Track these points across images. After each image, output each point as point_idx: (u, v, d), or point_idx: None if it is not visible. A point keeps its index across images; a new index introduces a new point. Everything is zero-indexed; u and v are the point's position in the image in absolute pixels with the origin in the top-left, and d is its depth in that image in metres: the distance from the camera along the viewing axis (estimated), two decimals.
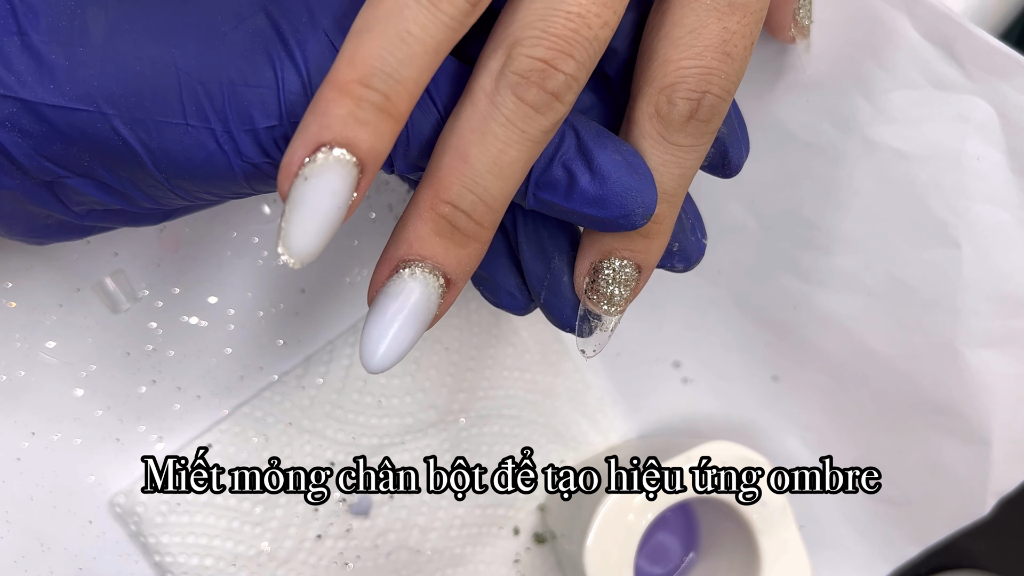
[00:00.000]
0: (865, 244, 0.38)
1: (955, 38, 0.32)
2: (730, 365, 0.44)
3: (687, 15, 0.26)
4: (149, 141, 0.24)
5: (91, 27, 0.24)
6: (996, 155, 0.34)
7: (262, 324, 0.40)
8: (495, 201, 0.25)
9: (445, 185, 0.24)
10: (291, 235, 0.22)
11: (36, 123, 0.24)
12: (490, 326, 0.42)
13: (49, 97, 0.24)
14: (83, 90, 0.24)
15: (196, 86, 0.24)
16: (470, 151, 0.24)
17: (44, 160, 0.25)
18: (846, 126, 0.36)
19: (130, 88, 0.24)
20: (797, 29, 0.34)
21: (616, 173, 0.26)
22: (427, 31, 0.22)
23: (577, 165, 0.26)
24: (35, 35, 0.24)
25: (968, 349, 0.38)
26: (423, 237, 0.25)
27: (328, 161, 0.22)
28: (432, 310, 0.25)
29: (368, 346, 0.25)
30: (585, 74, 0.24)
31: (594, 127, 0.26)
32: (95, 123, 0.24)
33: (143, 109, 0.24)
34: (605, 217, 0.26)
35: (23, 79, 0.24)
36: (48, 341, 0.37)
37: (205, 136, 0.24)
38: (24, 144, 0.24)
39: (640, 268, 0.28)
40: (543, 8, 0.23)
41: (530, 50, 0.23)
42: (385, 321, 0.25)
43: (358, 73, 0.22)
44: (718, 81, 0.26)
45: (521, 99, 0.24)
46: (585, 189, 0.26)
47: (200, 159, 0.25)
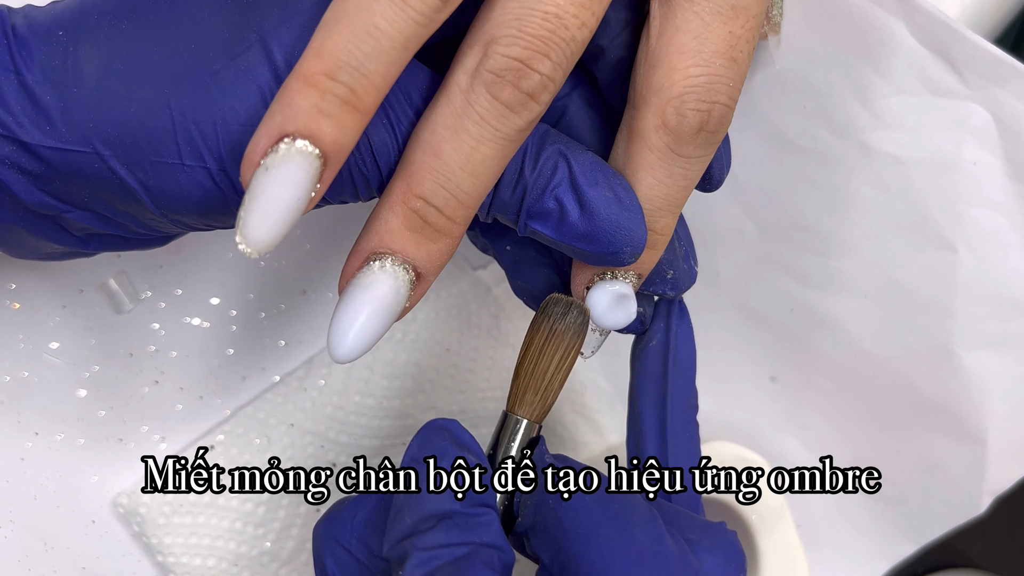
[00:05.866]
0: (862, 247, 0.38)
1: (952, 44, 0.33)
2: (728, 366, 0.44)
3: (691, 19, 0.25)
4: (146, 180, 0.24)
5: (84, 66, 0.24)
6: (993, 160, 0.34)
7: (264, 325, 0.40)
8: (467, 197, 0.25)
9: (417, 179, 0.24)
10: (249, 224, 0.22)
11: (34, 162, 0.24)
12: (490, 328, 0.43)
13: (46, 140, 0.24)
14: (78, 132, 0.24)
15: (190, 127, 0.24)
16: (443, 147, 0.24)
17: (44, 196, 0.25)
18: (843, 132, 0.36)
19: (125, 129, 0.24)
20: (769, 26, 0.34)
21: (606, 210, 0.25)
22: (395, 26, 0.22)
23: (568, 199, 0.26)
24: (29, 75, 0.24)
25: (964, 351, 0.38)
26: (393, 230, 0.25)
27: (290, 152, 0.22)
28: (400, 303, 0.25)
29: (335, 336, 0.25)
30: (562, 75, 0.24)
31: (588, 158, 0.26)
32: (92, 163, 0.24)
33: (138, 150, 0.24)
34: (593, 252, 0.26)
35: (20, 120, 0.24)
36: (52, 342, 0.37)
37: (201, 175, 0.24)
38: (24, 181, 0.24)
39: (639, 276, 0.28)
40: (520, 7, 0.23)
41: (506, 49, 0.23)
42: (353, 312, 0.25)
43: (324, 65, 0.22)
44: (725, 90, 0.25)
45: (496, 98, 0.23)
46: (575, 224, 0.26)
47: (197, 197, 0.25)
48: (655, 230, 0.27)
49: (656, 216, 0.27)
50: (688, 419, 0.31)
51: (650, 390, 0.31)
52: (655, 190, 0.26)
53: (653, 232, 0.27)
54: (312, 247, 0.41)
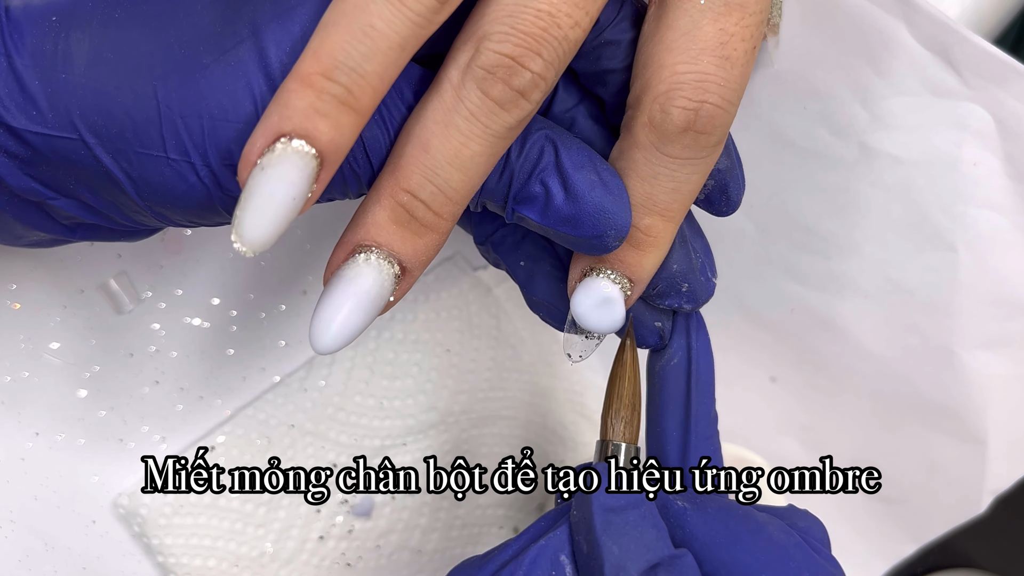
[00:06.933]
0: (862, 248, 0.38)
1: (952, 45, 0.33)
2: (728, 366, 0.44)
3: (680, 17, 0.25)
4: (131, 171, 0.24)
5: (74, 52, 0.24)
6: (993, 160, 0.34)
7: (264, 325, 0.40)
8: (455, 193, 0.25)
9: (406, 174, 0.24)
10: (244, 224, 0.22)
11: (20, 147, 0.24)
12: (490, 328, 0.43)
13: (32, 125, 0.24)
14: (64, 118, 0.24)
15: (176, 120, 0.24)
16: (432, 142, 0.24)
17: (30, 180, 0.25)
18: (844, 133, 0.36)
19: (111, 119, 0.24)
20: (768, 27, 0.34)
21: (590, 194, 0.25)
22: (392, 27, 0.22)
23: (553, 182, 0.25)
24: (19, 59, 0.24)
25: (964, 351, 0.38)
26: (380, 224, 0.25)
27: (286, 152, 0.22)
28: (384, 296, 0.25)
29: (317, 327, 0.25)
30: (554, 74, 0.24)
31: (575, 144, 0.26)
32: (77, 151, 0.24)
33: (124, 140, 0.24)
34: (578, 236, 0.26)
35: (6, 104, 0.24)
36: (52, 342, 0.37)
37: (185, 169, 0.24)
38: (10, 164, 0.24)
39: (632, 281, 0.28)
40: (514, 5, 0.23)
41: (498, 46, 0.23)
42: (336, 304, 0.25)
43: (321, 66, 0.22)
44: (716, 89, 0.25)
45: (486, 94, 0.23)
46: (559, 207, 0.25)
47: (181, 191, 0.24)
48: (638, 227, 0.27)
49: (639, 214, 0.26)
50: (710, 433, 0.31)
51: (673, 409, 0.31)
52: (637, 187, 0.26)
53: (636, 230, 0.27)
54: (312, 247, 0.41)
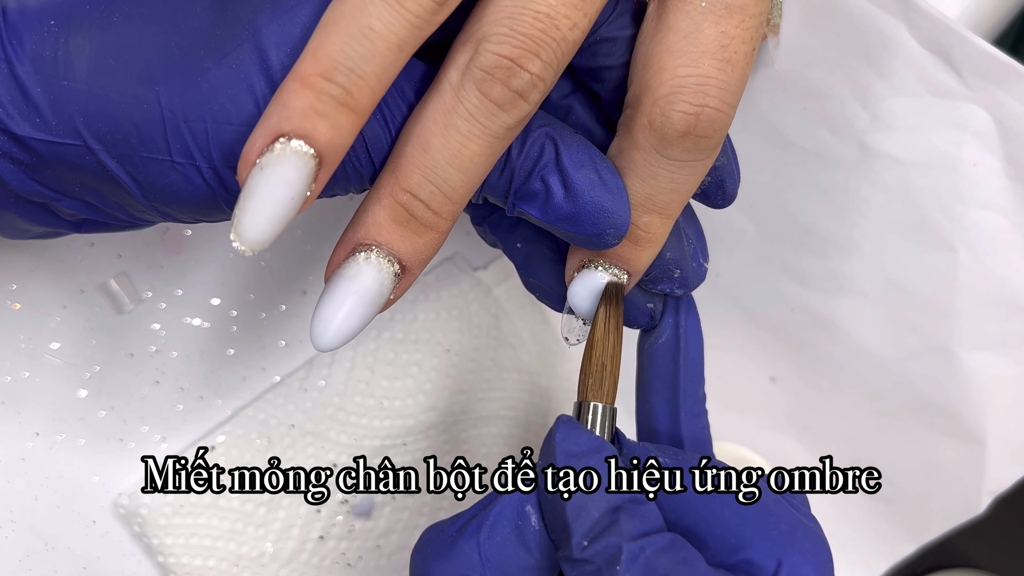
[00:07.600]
0: (862, 248, 0.38)
1: (952, 46, 0.33)
2: (728, 366, 0.44)
3: (682, 19, 0.25)
4: (136, 175, 0.24)
5: (75, 59, 0.24)
6: (992, 161, 0.34)
7: (264, 326, 0.40)
8: (454, 193, 0.25)
9: (405, 173, 0.25)
10: (243, 223, 0.23)
11: (25, 153, 0.24)
12: (490, 328, 0.43)
13: (36, 132, 0.24)
14: (68, 125, 0.24)
15: (180, 124, 0.24)
16: (432, 141, 0.24)
17: (35, 184, 0.25)
18: (843, 133, 0.36)
19: (115, 125, 0.24)
20: (768, 28, 0.34)
21: (590, 192, 0.26)
22: (390, 28, 0.22)
23: (554, 180, 0.26)
24: (20, 66, 0.24)
25: (964, 351, 0.38)
26: (380, 223, 0.25)
27: (285, 152, 0.22)
28: (384, 295, 0.26)
29: (318, 324, 0.25)
30: (552, 75, 0.24)
31: (575, 140, 0.26)
32: (82, 156, 0.24)
33: (129, 146, 0.24)
34: (578, 233, 0.26)
35: (9, 112, 0.24)
36: (52, 342, 0.37)
37: (191, 172, 0.24)
38: (15, 170, 0.25)
39: (628, 273, 0.28)
40: (513, 6, 0.23)
41: (496, 47, 0.23)
42: (336, 302, 0.25)
43: (320, 66, 0.22)
44: (716, 92, 0.25)
45: (485, 95, 0.24)
46: (559, 205, 0.26)
47: (186, 192, 0.25)
48: (637, 225, 0.27)
49: (638, 213, 0.27)
50: (699, 411, 0.32)
51: (661, 387, 0.31)
52: (636, 187, 0.26)
53: (635, 227, 0.27)
54: (312, 247, 0.41)
